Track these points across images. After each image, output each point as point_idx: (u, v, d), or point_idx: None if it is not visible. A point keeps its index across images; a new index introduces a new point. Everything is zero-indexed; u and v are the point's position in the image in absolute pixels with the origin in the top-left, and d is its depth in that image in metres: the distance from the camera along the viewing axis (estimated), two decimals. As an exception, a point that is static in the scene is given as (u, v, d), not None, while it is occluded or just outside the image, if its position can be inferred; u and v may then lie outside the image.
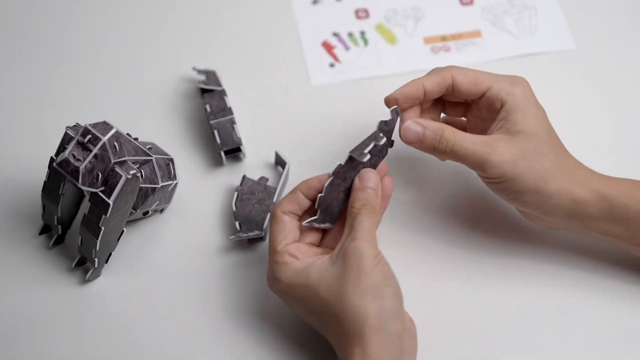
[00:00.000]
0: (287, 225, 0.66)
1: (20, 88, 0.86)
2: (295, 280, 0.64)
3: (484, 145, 0.66)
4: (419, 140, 0.68)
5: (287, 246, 0.66)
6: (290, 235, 0.66)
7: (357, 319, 0.61)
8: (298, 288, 0.64)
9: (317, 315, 0.64)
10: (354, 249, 0.63)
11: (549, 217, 0.69)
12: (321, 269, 0.63)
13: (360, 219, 0.64)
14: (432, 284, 0.74)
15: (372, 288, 0.62)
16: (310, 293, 0.63)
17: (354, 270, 0.62)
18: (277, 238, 0.66)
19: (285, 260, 0.65)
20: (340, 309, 0.62)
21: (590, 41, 0.89)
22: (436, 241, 0.76)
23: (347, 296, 0.62)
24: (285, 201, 0.67)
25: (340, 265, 0.63)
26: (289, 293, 0.65)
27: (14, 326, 0.72)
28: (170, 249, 0.76)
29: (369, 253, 0.63)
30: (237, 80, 0.86)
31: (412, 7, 0.92)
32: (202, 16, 0.91)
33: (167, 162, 0.75)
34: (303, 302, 0.64)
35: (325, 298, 0.62)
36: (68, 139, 0.68)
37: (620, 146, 0.82)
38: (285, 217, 0.67)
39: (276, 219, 0.67)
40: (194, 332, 0.72)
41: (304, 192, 0.67)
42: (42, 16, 0.91)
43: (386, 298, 0.62)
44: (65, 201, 0.72)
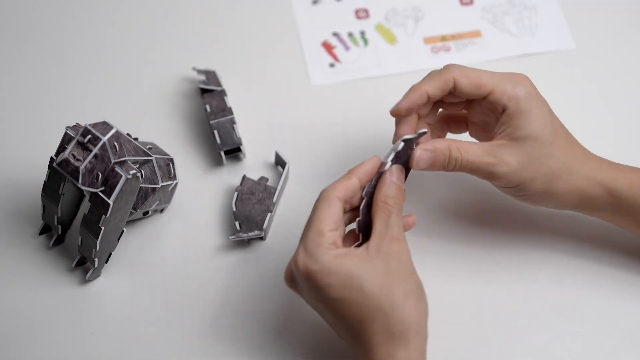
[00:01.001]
0: (337, 212, 0.64)
1: (20, 88, 0.86)
2: (337, 266, 0.61)
3: (489, 156, 0.66)
4: (430, 165, 0.67)
5: (332, 232, 0.63)
6: (337, 223, 0.64)
7: (404, 320, 0.60)
8: (339, 275, 0.61)
9: (353, 308, 0.61)
10: (398, 248, 0.62)
11: (557, 209, 0.70)
12: (362, 260, 0.62)
13: (395, 217, 0.64)
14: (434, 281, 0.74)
15: (414, 291, 0.62)
16: (353, 283, 0.61)
17: (398, 270, 0.61)
18: (325, 220, 0.63)
19: (328, 244, 0.62)
20: (388, 306, 0.60)
21: (590, 41, 0.89)
22: (437, 238, 0.76)
23: (394, 294, 0.60)
24: (340, 186, 0.64)
25: (384, 261, 0.61)
26: (326, 278, 0.61)
27: (14, 326, 0.72)
28: (170, 249, 0.76)
29: (408, 256, 0.63)
30: (237, 80, 0.86)
31: (412, 7, 0.92)
32: (202, 16, 0.91)
33: (167, 162, 0.75)
34: (340, 291, 0.61)
35: (370, 291, 0.60)
36: (68, 139, 0.68)
37: (620, 146, 0.82)
38: (338, 203, 0.64)
39: (329, 202, 0.64)
40: (193, 332, 0.72)
41: (360, 178, 0.65)
42: (42, 16, 0.91)
43: (424, 302, 0.63)
44: (65, 201, 0.72)
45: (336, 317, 0.62)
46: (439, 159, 0.67)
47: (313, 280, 0.62)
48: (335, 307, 0.62)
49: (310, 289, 0.63)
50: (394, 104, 0.68)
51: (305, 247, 0.63)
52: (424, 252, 0.75)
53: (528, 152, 0.66)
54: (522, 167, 0.66)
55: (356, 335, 0.62)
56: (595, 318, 0.72)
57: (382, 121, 0.84)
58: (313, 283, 0.62)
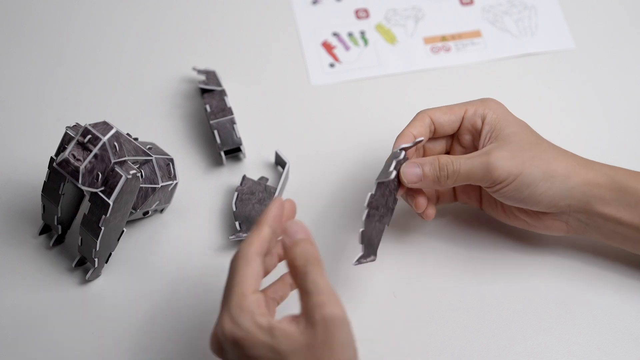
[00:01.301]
0: (258, 270, 0.59)
1: (20, 88, 0.86)
2: (262, 337, 0.57)
3: (481, 155, 0.67)
4: (420, 179, 0.68)
5: (255, 294, 0.59)
6: (258, 282, 0.60)
7: None
8: (264, 347, 0.57)
9: None
10: (322, 317, 0.57)
11: (566, 209, 0.68)
12: (288, 333, 0.57)
13: (312, 278, 0.58)
14: (428, 282, 0.74)
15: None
16: (276, 357, 0.57)
17: (326, 344, 0.56)
18: (246, 282, 0.59)
19: (253, 309, 0.58)
20: None
21: (590, 41, 0.89)
22: (432, 239, 0.76)
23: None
24: (255, 241, 0.60)
25: (312, 336, 0.57)
26: (251, 349, 0.57)
27: (14, 326, 0.72)
28: (170, 249, 0.76)
29: (339, 321, 0.57)
30: (237, 80, 0.86)
31: (412, 7, 0.92)
32: (202, 16, 0.91)
33: (167, 162, 0.75)
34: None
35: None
36: (68, 139, 0.68)
37: (620, 146, 0.82)
38: (257, 259, 0.60)
39: (248, 260, 0.59)
40: (194, 332, 0.72)
41: (271, 226, 0.61)
42: (42, 16, 0.91)
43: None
44: (65, 201, 0.72)
45: None
46: (428, 171, 0.67)
47: (241, 348, 0.58)
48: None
49: (239, 357, 0.59)
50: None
51: (230, 314, 0.58)
52: (423, 252, 0.75)
53: (517, 144, 0.67)
54: (515, 155, 0.66)
55: None
56: (594, 319, 0.72)
57: (382, 121, 0.84)
58: (241, 351, 0.58)
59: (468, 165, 0.67)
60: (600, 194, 0.67)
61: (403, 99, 0.85)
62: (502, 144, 0.67)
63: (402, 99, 0.85)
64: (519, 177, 0.66)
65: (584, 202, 0.68)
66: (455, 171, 0.67)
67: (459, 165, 0.67)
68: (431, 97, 0.85)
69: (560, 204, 0.68)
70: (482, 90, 0.86)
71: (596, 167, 0.68)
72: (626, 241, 0.70)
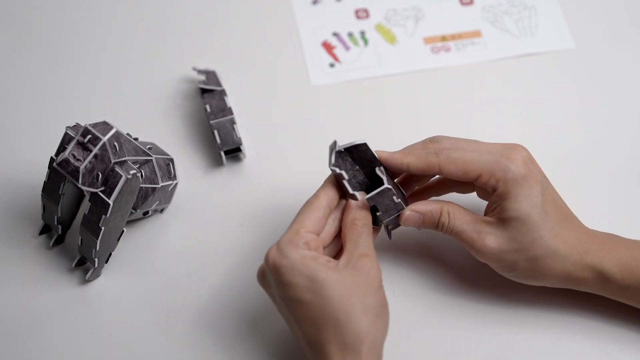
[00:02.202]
0: (320, 217, 0.64)
1: (20, 88, 0.86)
2: (302, 267, 0.61)
3: (474, 230, 0.66)
4: (419, 225, 0.68)
5: (308, 233, 0.64)
6: (317, 227, 0.64)
7: (359, 333, 0.60)
8: (302, 275, 0.61)
9: (310, 311, 0.61)
10: (366, 263, 0.62)
11: (546, 286, 0.69)
12: (329, 267, 0.62)
13: (365, 237, 0.64)
14: (429, 282, 0.74)
15: (375, 307, 0.61)
16: (315, 286, 0.61)
17: (362, 284, 0.61)
18: (304, 222, 0.64)
19: (300, 243, 0.62)
20: (344, 316, 0.60)
21: (590, 41, 0.89)
22: (432, 238, 0.76)
23: (353, 306, 0.60)
24: (327, 191, 0.66)
25: (350, 274, 0.62)
26: (290, 276, 0.61)
27: (14, 326, 0.72)
28: (170, 249, 0.76)
29: (377, 273, 0.63)
30: (237, 80, 0.86)
31: (412, 7, 0.92)
32: (202, 16, 0.91)
33: (167, 162, 0.75)
34: (301, 291, 0.61)
35: (330, 298, 0.60)
36: (68, 139, 0.68)
37: (620, 146, 0.82)
38: (322, 209, 0.65)
39: (314, 206, 0.65)
40: (193, 332, 0.72)
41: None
42: (42, 16, 0.91)
43: (383, 322, 0.62)
44: (65, 201, 0.72)
45: (295, 318, 0.62)
46: (427, 221, 0.67)
47: (279, 275, 0.62)
48: (295, 306, 0.62)
49: (276, 285, 0.63)
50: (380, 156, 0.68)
51: (279, 243, 0.63)
52: (423, 252, 0.75)
53: (513, 236, 0.65)
54: (502, 250, 0.65)
55: (312, 342, 0.62)
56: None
57: (382, 121, 0.84)
58: (278, 278, 0.62)
59: (459, 235, 0.67)
60: (586, 286, 0.67)
61: (403, 99, 0.85)
62: (499, 228, 0.65)
63: (402, 99, 0.85)
64: (500, 263, 0.66)
65: (565, 287, 0.68)
66: (450, 232, 0.67)
67: (452, 229, 0.67)
68: (431, 97, 0.85)
69: (538, 285, 0.68)
70: (482, 90, 0.86)
71: (587, 259, 0.66)
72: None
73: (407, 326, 0.71)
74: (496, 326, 0.71)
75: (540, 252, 0.65)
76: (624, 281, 0.66)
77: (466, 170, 0.65)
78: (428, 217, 0.67)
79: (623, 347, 0.70)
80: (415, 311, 0.72)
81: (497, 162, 0.65)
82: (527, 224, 0.65)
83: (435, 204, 0.67)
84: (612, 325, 0.71)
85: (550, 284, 0.67)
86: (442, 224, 0.67)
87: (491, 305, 0.72)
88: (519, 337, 0.71)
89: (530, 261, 0.65)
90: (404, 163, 0.67)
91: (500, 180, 0.65)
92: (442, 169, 0.66)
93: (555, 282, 0.67)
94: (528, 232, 0.65)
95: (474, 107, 0.85)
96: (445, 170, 0.66)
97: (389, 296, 0.68)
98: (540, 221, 0.65)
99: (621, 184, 0.79)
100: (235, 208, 0.78)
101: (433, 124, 0.83)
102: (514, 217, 0.64)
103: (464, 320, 0.72)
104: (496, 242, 0.65)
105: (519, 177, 0.65)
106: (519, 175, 0.65)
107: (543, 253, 0.65)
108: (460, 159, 0.66)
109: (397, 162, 0.67)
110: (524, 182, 0.65)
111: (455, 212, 0.67)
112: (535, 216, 0.65)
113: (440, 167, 0.66)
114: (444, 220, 0.67)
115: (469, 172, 0.65)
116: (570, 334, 0.71)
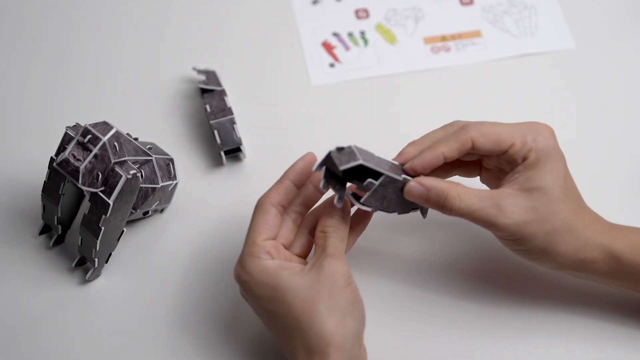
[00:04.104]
0: (272, 220, 0.65)
1: (20, 88, 0.86)
2: (265, 278, 0.62)
3: (492, 206, 0.64)
4: (423, 200, 0.65)
5: (266, 241, 0.64)
6: (272, 230, 0.65)
7: (323, 335, 0.60)
8: (266, 287, 0.62)
9: (278, 321, 0.62)
10: (330, 264, 0.62)
11: (554, 270, 0.68)
12: (292, 274, 0.62)
13: (333, 241, 0.64)
14: (429, 282, 0.74)
15: (342, 306, 0.61)
16: (278, 296, 0.61)
17: (327, 285, 0.61)
18: (258, 230, 0.64)
19: (260, 255, 0.63)
20: (307, 320, 0.60)
21: (590, 41, 0.89)
22: (432, 238, 0.76)
23: (315, 309, 0.60)
24: (273, 192, 0.66)
25: (314, 276, 0.62)
26: (255, 289, 0.63)
27: (14, 326, 0.72)
28: (170, 248, 0.76)
29: (343, 271, 0.62)
30: (237, 80, 0.86)
31: (412, 7, 0.92)
32: (202, 16, 0.91)
33: (167, 162, 0.75)
34: (267, 303, 0.62)
35: (292, 305, 0.61)
36: (68, 139, 0.68)
37: (620, 146, 0.82)
38: (272, 209, 0.65)
39: (263, 210, 0.65)
40: (193, 332, 0.72)
41: (292, 180, 0.66)
42: (43, 16, 0.91)
43: (354, 319, 0.62)
44: (65, 201, 0.72)
45: (270, 327, 0.64)
46: (432, 198, 0.64)
47: (245, 290, 0.64)
48: (266, 318, 0.64)
49: (247, 298, 0.65)
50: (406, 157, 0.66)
51: (241, 258, 0.64)
52: (424, 252, 0.75)
53: (534, 206, 0.64)
54: (524, 221, 0.64)
55: (285, 349, 0.63)
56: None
57: (382, 121, 0.84)
58: (246, 294, 0.64)
59: (474, 213, 0.64)
60: (596, 268, 0.66)
61: (403, 99, 0.85)
62: (519, 198, 0.64)
63: (402, 99, 0.85)
64: (518, 240, 0.64)
65: (575, 271, 0.67)
66: (459, 213, 0.64)
67: (464, 209, 0.64)
68: (431, 97, 0.85)
69: (549, 268, 0.67)
70: (482, 90, 0.86)
71: (600, 239, 0.65)
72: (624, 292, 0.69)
73: (407, 326, 0.71)
74: (496, 326, 0.71)
75: (559, 225, 0.64)
76: (634, 262, 0.65)
77: (498, 141, 0.65)
78: (433, 194, 0.64)
79: (623, 347, 0.70)
80: (416, 311, 0.72)
81: (529, 131, 0.65)
82: (550, 196, 0.64)
83: (442, 183, 0.64)
84: (612, 325, 0.71)
85: (557, 264, 0.66)
86: (451, 206, 0.64)
87: (491, 306, 0.72)
88: (519, 338, 0.71)
89: (547, 235, 0.64)
90: (439, 156, 0.65)
91: (533, 150, 0.64)
92: (475, 142, 0.65)
93: (564, 261, 0.66)
94: (550, 203, 0.64)
95: (474, 107, 0.85)
96: (478, 142, 0.65)
97: (389, 296, 0.69)
98: (563, 195, 0.65)
99: (621, 183, 0.79)
100: (235, 208, 0.78)
101: (433, 124, 0.83)
102: (538, 187, 0.64)
103: (464, 320, 0.72)
104: (519, 214, 0.64)
105: (550, 149, 0.65)
106: (550, 146, 0.65)
107: (562, 227, 0.64)
108: (492, 129, 0.65)
109: (433, 161, 0.65)
110: (554, 154, 0.65)
111: (466, 192, 0.64)
112: (559, 189, 0.64)
113: (473, 140, 0.65)
114: (452, 201, 0.64)
115: (501, 143, 0.65)
116: (570, 334, 0.71)
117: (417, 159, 0.65)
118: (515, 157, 0.65)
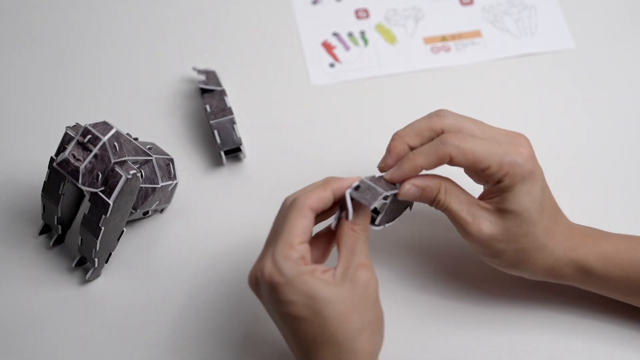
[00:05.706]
0: (309, 224, 0.63)
1: (20, 88, 0.86)
2: (301, 284, 0.60)
3: (468, 213, 0.65)
4: (417, 199, 0.67)
5: (301, 245, 0.62)
6: (307, 235, 0.63)
7: (356, 351, 0.60)
8: (301, 293, 0.60)
9: (307, 330, 0.61)
10: (364, 276, 0.61)
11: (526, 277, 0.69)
12: (327, 283, 0.61)
13: (362, 244, 0.63)
14: (428, 282, 0.74)
15: (372, 323, 0.61)
16: (314, 305, 0.60)
17: (362, 299, 0.61)
18: (295, 232, 0.62)
19: (297, 258, 0.61)
20: (343, 336, 0.60)
21: (590, 41, 0.89)
22: (432, 238, 0.76)
23: (351, 325, 0.60)
24: (315, 196, 0.63)
25: (349, 289, 0.61)
26: (288, 294, 0.61)
27: (14, 326, 0.72)
28: (170, 248, 0.76)
29: (375, 285, 0.62)
30: (237, 80, 0.86)
31: (412, 7, 0.92)
32: (202, 16, 0.91)
33: (167, 162, 0.75)
34: (299, 309, 0.60)
35: (329, 317, 0.60)
36: (68, 139, 0.68)
37: (620, 146, 0.82)
38: (311, 214, 0.63)
39: (302, 213, 0.62)
40: (193, 331, 0.72)
41: (334, 192, 0.64)
42: (43, 16, 0.91)
43: (380, 336, 0.62)
44: (65, 201, 0.72)
45: (291, 332, 0.62)
46: (425, 195, 0.66)
47: (276, 292, 0.61)
48: (292, 323, 0.61)
49: (272, 301, 0.62)
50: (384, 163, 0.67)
51: (274, 258, 0.61)
52: (424, 252, 0.75)
53: (507, 227, 0.65)
54: (493, 237, 0.65)
55: (305, 355, 0.62)
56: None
57: (382, 121, 0.84)
58: (276, 296, 0.61)
59: (452, 214, 0.66)
60: (567, 279, 0.68)
61: (403, 99, 0.85)
62: (494, 216, 0.65)
63: (402, 99, 0.85)
64: (486, 251, 0.66)
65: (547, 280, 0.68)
66: (443, 210, 0.66)
67: (447, 208, 0.66)
68: (431, 97, 0.85)
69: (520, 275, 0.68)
70: (482, 91, 0.86)
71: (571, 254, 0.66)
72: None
73: (407, 326, 0.71)
74: (496, 326, 0.72)
75: (530, 245, 0.66)
76: (605, 273, 0.67)
77: (475, 161, 0.65)
78: (427, 192, 0.66)
79: (623, 347, 0.70)
80: (415, 311, 0.72)
81: (506, 154, 0.64)
82: (525, 219, 0.65)
83: (434, 180, 0.66)
84: (612, 325, 0.71)
85: (529, 275, 0.68)
86: (439, 200, 0.66)
87: (491, 306, 0.72)
88: (519, 338, 0.71)
89: (517, 252, 0.66)
90: (417, 169, 0.66)
91: (508, 174, 0.64)
92: (453, 159, 0.65)
93: (536, 274, 0.68)
94: (524, 225, 0.65)
95: (474, 107, 0.84)
96: (456, 160, 0.65)
97: (389, 297, 0.69)
98: (537, 218, 0.65)
99: (621, 183, 0.79)
100: (235, 208, 0.78)
101: (433, 124, 0.83)
102: (513, 210, 0.65)
103: (464, 321, 0.72)
104: (490, 229, 0.65)
105: (525, 173, 0.64)
106: (526, 171, 0.64)
107: (532, 246, 0.66)
108: (469, 150, 0.65)
109: (411, 173, 0.66)
110: (529, 178, 0.65)
111: (452, 190, 0.66)
112: (534, 212, 0.65)
113: (451, 156, 0.65)
114: (440, 196, 0.66)
115: (477, 163, 0.65)
116: (569, 334, 0.71)
117: (396, 171, 0.66)
118: (491, 178, 0.65)
